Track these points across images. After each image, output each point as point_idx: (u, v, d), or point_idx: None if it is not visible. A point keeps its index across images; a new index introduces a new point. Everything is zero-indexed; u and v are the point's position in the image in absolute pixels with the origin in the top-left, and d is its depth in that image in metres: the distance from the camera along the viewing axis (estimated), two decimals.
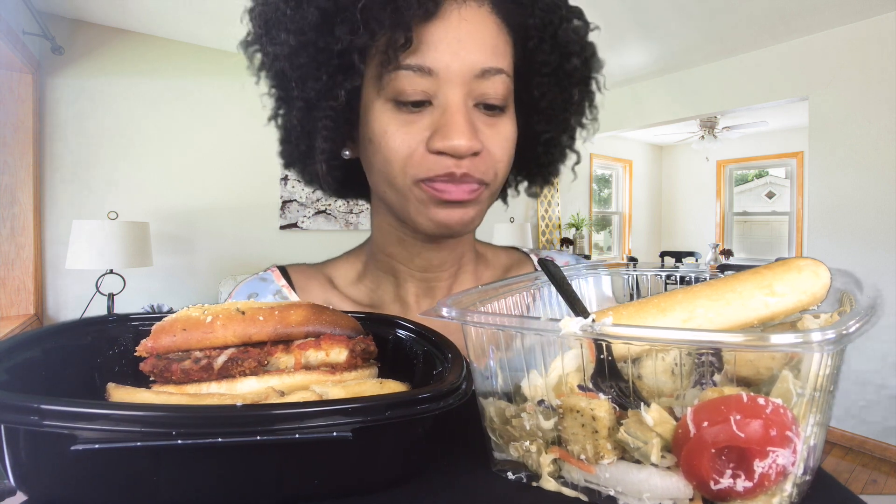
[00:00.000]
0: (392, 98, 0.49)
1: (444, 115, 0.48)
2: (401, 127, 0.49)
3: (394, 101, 0.49)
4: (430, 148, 0.49)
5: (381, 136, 0.50)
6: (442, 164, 0.48)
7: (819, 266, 0.37)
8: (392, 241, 0.61)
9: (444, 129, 0.48)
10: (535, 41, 0.53)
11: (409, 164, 0.49)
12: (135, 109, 3.27)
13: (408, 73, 0.48)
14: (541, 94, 0.56)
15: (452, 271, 0.64)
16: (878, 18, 3.13)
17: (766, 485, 0.28)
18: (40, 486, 0.30)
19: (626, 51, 3.80)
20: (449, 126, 0.47)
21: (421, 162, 0.49)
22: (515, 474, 0.38)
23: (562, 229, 6.09)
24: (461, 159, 0.48)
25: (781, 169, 6.74)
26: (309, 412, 0.30)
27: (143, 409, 0.30)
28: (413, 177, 0.50)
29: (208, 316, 0.41)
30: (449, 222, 0.51)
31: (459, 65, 0.48)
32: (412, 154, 0.49)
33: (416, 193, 0.51)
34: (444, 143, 0.47)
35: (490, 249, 0.72)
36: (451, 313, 0.38)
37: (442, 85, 0.48)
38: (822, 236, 3.41)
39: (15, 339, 0.38)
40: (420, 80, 0.48)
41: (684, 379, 0.32)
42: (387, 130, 0.50)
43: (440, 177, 0.49)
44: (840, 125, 3.30)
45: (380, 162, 0.51)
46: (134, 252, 2.74)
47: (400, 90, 0.48)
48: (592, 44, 0.58)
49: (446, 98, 0.48)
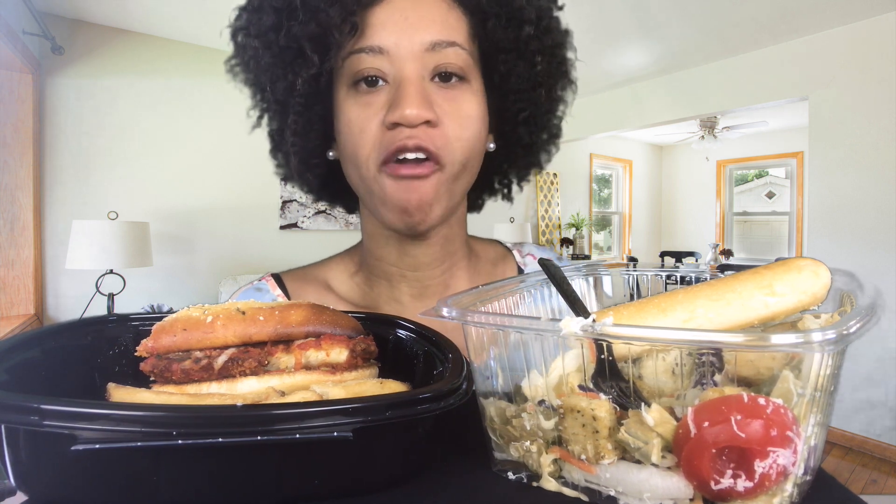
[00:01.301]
0: (351, 83, 0.52)
1: (397, 90, 0.50)
2: (361, 109, 0.51)
3: (353, 87, 0.52)
4: (385, 123, 0.50)
5: (347, 123, 0.52)
6: (396, 136, 0.49)
7: (819, 266, 0.37)
8: (380, 244, 0.61)
9: (396, 101, 0.49)
10: (493, 19, 0.54)
11: (371, 146, 0.51)
12: (135, 109, 3.27)
13: (360, 55, 0.50)
14: (507, 71, 0.56)
15: (445, 268, 0.63)
16: (878, 18, 3.13)
17: (767, 485, 0.28)
18: (40, 486, 0.30)
19: (626, 51, 3.80)
20: (400, 97, 0.49)
21: (379, 139, 0.50)
22: (516, 474, 0.38)
23: (562, 229, 6.09)
24: (414, 129, 0.49)
25: (781, 169, 6.74)
26: (309, 412, 0.30)
27: (144, 409, 0.30)
28: (375, 160, 0.51)
29: (208, 316, 0.41)
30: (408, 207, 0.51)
31: (408, 41, 0.50)
32: (372, 133, 0.50)
33: (380, 182, 0.51)
34: (395, 113, 0.48)
35: (478, 243, 0.72)
36: (451, 313, 0.38)
37: (394, 62, 0.50)
38: (822, 236, 3.41)
39: (15, 339, 0.38)
40: (372, 60, 0.50)
41: (685, 379, 0.32)
42: (350, 116, 0.52)
43: (396, 151, 0.49)
44: (840, 125, 3.30)
45: (349, 152, 0.53)
46: (134, 252, 2.74)
47: (355, 71, 0.51)
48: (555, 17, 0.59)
49: (399, 74, 0.50)
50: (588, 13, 3.06)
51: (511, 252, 0.74)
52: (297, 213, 3.96)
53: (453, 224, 0.61)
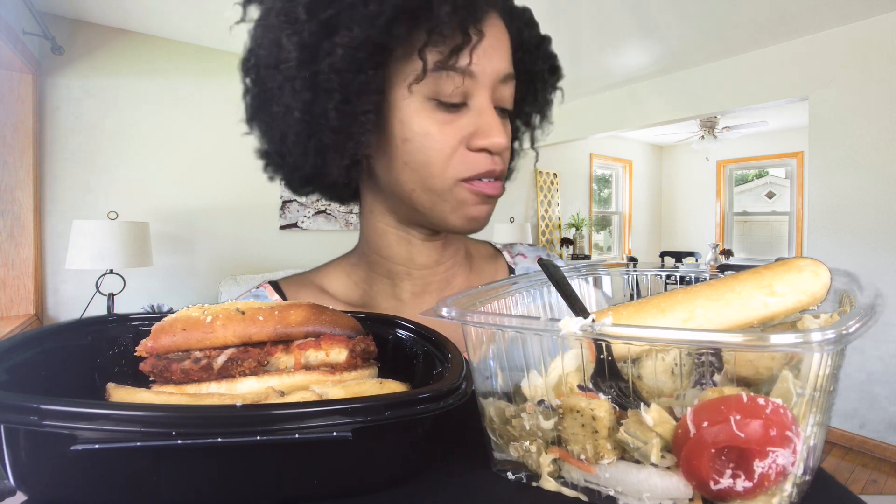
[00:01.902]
0: (433, 97, 0.51)
1: (480, 116, 0.52)
2: (442, 126, 0.51)
3: (435, 101, 0.51)
4: (471, 146, 0.52)
5: (424, 136, 0.51)
6: (483, 161, 0.52)
7: (819, 266, 0.37)
8: (390, 243, 0.62)
9: (484, 128, 0.51)
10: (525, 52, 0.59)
11: (451, 164, 0.52)
12: (135, 109, 3.27)
13: (452, 74, 0.50)
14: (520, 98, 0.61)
15: (447, 266, 0.65)
16: (878, 18, 3.13)
17: (766, 485, 0.28)
18: (40, 486, 0.30)
19: (626, 51, 3.80)
20: (490, 125, 0.51)
21: (463, 161, 0.52)
22: (515, 474, 0.38)
23: (562, 229, 6.09)
24: (498, 156, 0.53)
25: (781, 169, 6.74)
26: (309, 412, 0.30)
27: (143, 409, 0.30)
28: (454, 177, 0.52)
29: (208, 316, 0.41)
30: (479, 217, 0.56)
31: (492, 69, 0.52)
32: (454, 153, 0.52)
33: (456, 193, 0.53)
34: (487, 142, 0.51)
35: (471, 242, 0.75)
36: (451, 313, 0.38)
37: (477, 87, 0.51)
38: (822, 236, 3.41)
39: (15, 339, 0.38)
40: (461, 82, 0.50)
41: (684, 379, 0.32)
42: (429, 131, 0.51)
43: (482, 174, 0.53)
44: (840, 125, 3.29)
45: (418, 162, 0.52)
46: (134, 252, 2.74)
47: (442, 91, 0.50)
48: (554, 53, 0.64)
49: (480, 99, 0.52)
50: (588, 13, 3.06)
51: (501, 252, 0.76)
52: (297, 213, 3.96)
53: None
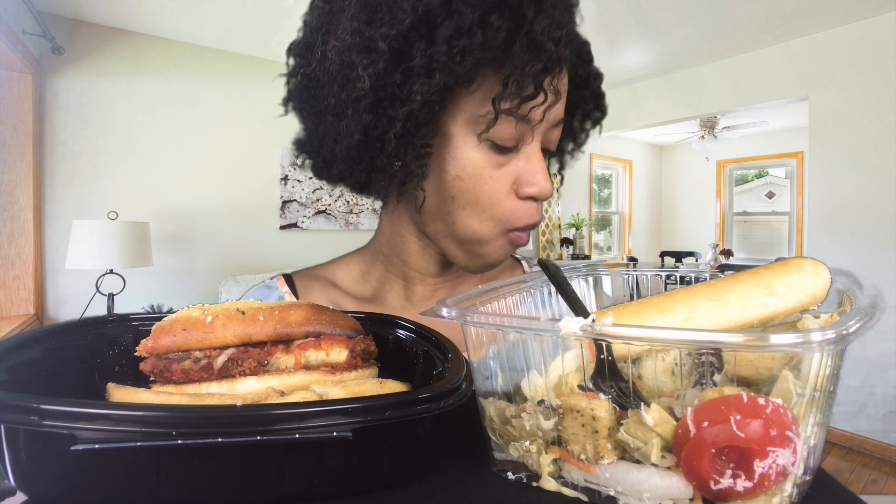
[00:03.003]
0: (489, 139, 0.49)
1: (528, 162, 0.51)
2: (495, 170, 0.51)
3: (489, 142, 0.50)
4: (520, 194, 0.51)
5: (477, 177, 0.51)
6: (530, 212, 0.53)
7: (819, 266, 0.37)
8: (410, 251, 0.62)
9: (532, 176, 0.51)
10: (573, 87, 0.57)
11: (500, 211, 0.52)
12: (135, 109, 3.27)
13: (512, 118, 0.48)
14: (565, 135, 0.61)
15: (459, 272, 0.66)
16: (878, 18, 3.13)
17: (766, 485, 0.28)
18: (40, 486, 0.30)
19: (626, 51, 3.80)
20: (537, 173, 0.51)
21: (514, 210, 0.52)
22: (515, 474, 0.38)
23: (562, 229, 6.09)
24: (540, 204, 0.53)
25: (781, 169, 6.74)
26: (309, 412, 0.30)
27: (143, 409, 0.30)
28: (504, 226, 0.53)
29: (208, 316, 0.41)
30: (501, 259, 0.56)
31: (552, 118, 0.51)
32: (503, 200, 0.51)
33: (499, 241, 0.54)
34: (534, 190, 0.51)
35: None
36: (451, 313, 0.38)
37: (531, 132, 0.50)
38: (822, 236, 3.41)
39: (15, 339, 0.38)
40: (520, 127, 0.49)
41: (684, 379, 0.32)
42: (482, 174, 0.50)
43: (528, 226, 0.53)
44: (840, 125, 3.29)
45: (467, 200, 0.52)
46: (134, 252, 2.74)
47: (501, 135, 0.49)
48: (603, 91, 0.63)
49: (533, 146, 0.51)
50: (588, 13, 3.05)
51: (520, 262, 0.77)
52: (297, 213, 3.96)
53: None
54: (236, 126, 3.59)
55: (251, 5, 2.89)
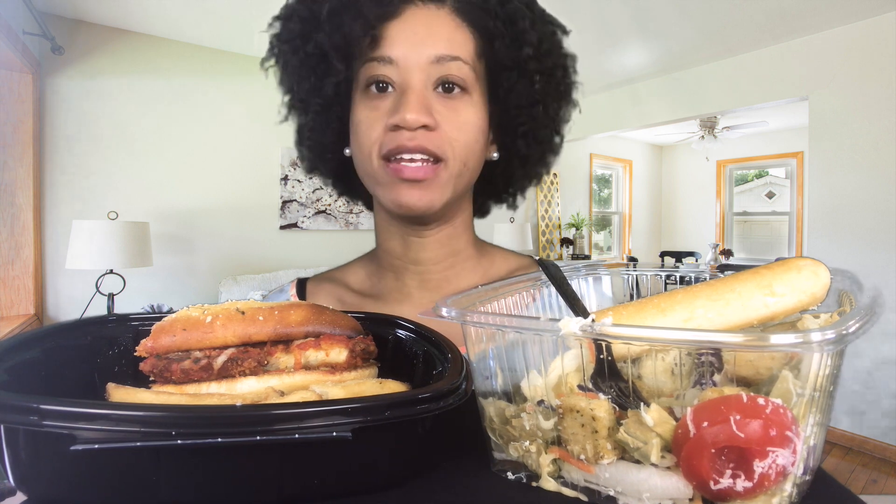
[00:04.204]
0: (364, 87, 0.58)
1: (401, 97, 0.56)
2: (370, 111, 0.57)
3: (365, 91, 0.58)
4: (387, 125, 0.56)
5: (357, 123, 0.58)
6: (397, 137, 0.55)
7: (819, 266, 0.37)
8: (386, 237, 0.66)
9: (398, 106, 0.55)
10: (498, 40, 0.60)
11: (375, 143, 0.56)
12: (135, 109, 3.27)
13: (373, 63, 0.56)
14: (509, 87, 0.61)
15: (447, 265, 0.66)
16: (878, 18, 3.13)
17: (766, 485, 0.28)
18: (40, 486, 0.30)
19: (626, 51, 3.80)
20: (402, 104, 0.55)
21: (381, 138, 0.56)
22: (515, 474, 0.38)
23: (562, 229, 6.09)
24: (414, 132, 0.55)
25: (781, 169, 6.74)
26: (309, 412, 0.30)
27: (143, 409, 0.30)
28: (377, 155, 0.56)
29: (208, 316, 0.41)
30: (409, 202, 0.56)
31: (416, 54, 0.56)
32: (377, 132, 0.56)
33: (382, 175, 0.57)
34: (396, 117, 0.54)
35: (499, 252, 0.74)
36: (451, 313, 0.38)
37: (401, 72, 0.56)
38: (822, 236, 3.41)
39: (15, 339, 0.38)
40: (383, 68, 0.56)
41: (684, 379, 0.32)
42: (360, 118, 0.58)
43: (395, 150, 0.55)
44: (840, 125, 3.29)
45: (357, 148, 0.59)
46: (134, 252, 2.74)
47: (367, 77, 0.57)
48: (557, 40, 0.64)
49: (404, 83, 0.56)
50: (588, 13, 3.06)
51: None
52: (297, 213, 3.96)
53: (457, 224, 0.65)
54: (236, 126, 3.59)
55: (251, 5, 2.89)
